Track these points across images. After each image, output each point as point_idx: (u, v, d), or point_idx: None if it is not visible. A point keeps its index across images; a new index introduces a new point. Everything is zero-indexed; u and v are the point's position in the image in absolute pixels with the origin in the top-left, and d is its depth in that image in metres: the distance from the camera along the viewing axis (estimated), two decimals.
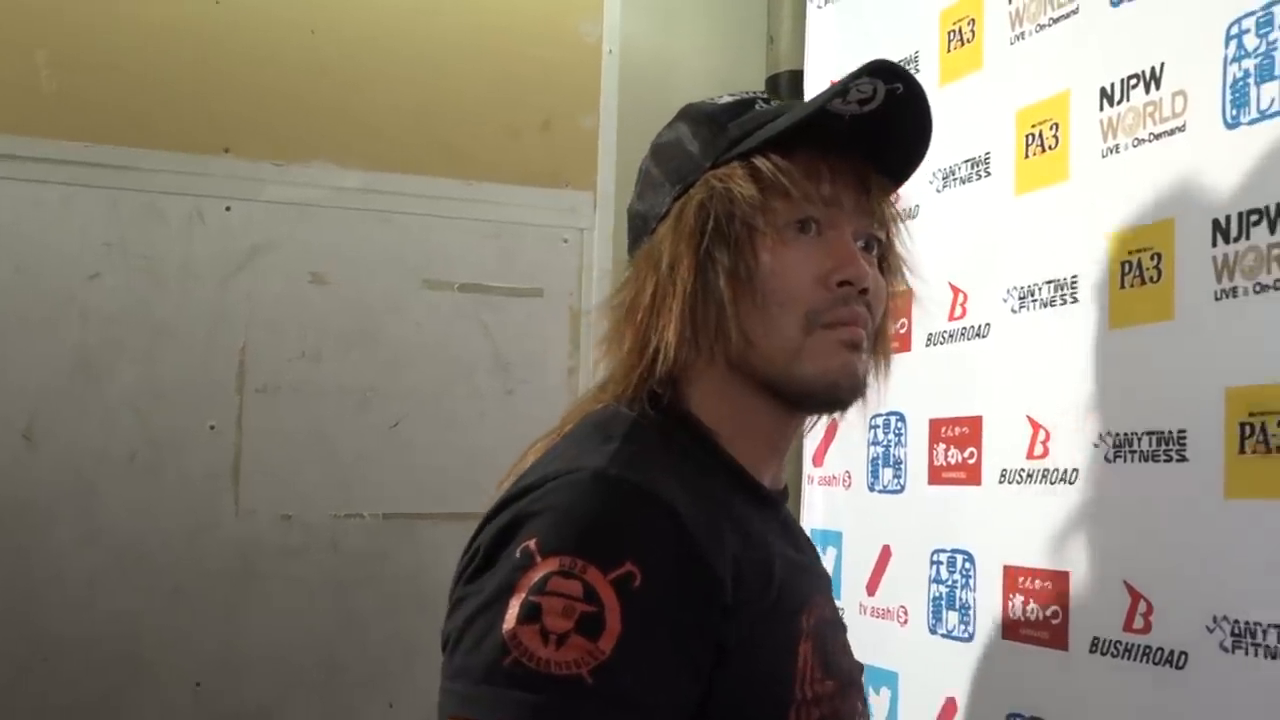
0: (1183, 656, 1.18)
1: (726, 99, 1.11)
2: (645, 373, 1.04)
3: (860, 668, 1.09)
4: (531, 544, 0.87)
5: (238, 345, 2.12)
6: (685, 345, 1.02)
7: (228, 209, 2.12)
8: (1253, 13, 1.17)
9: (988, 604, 1.44)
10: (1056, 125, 1.42)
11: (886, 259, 1.11)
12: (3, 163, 2.00)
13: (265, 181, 2.15)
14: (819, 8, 1.92)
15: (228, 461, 2.10)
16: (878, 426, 1.68)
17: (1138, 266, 1.28)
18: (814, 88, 1.90)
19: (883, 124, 1.04)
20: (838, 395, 1.05)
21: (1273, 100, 1.15)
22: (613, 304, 1.11)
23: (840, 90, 1.01)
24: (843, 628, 1.11)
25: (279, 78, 2.15)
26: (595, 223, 2.26)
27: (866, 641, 1.62)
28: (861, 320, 1.05)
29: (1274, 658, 1.09)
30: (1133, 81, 1.32)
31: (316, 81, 2.17)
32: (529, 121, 2.25)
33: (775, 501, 1.10)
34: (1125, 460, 1.27)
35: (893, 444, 1.65)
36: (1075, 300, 1.36)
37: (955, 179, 1.59)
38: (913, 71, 1.65)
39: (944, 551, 1.53)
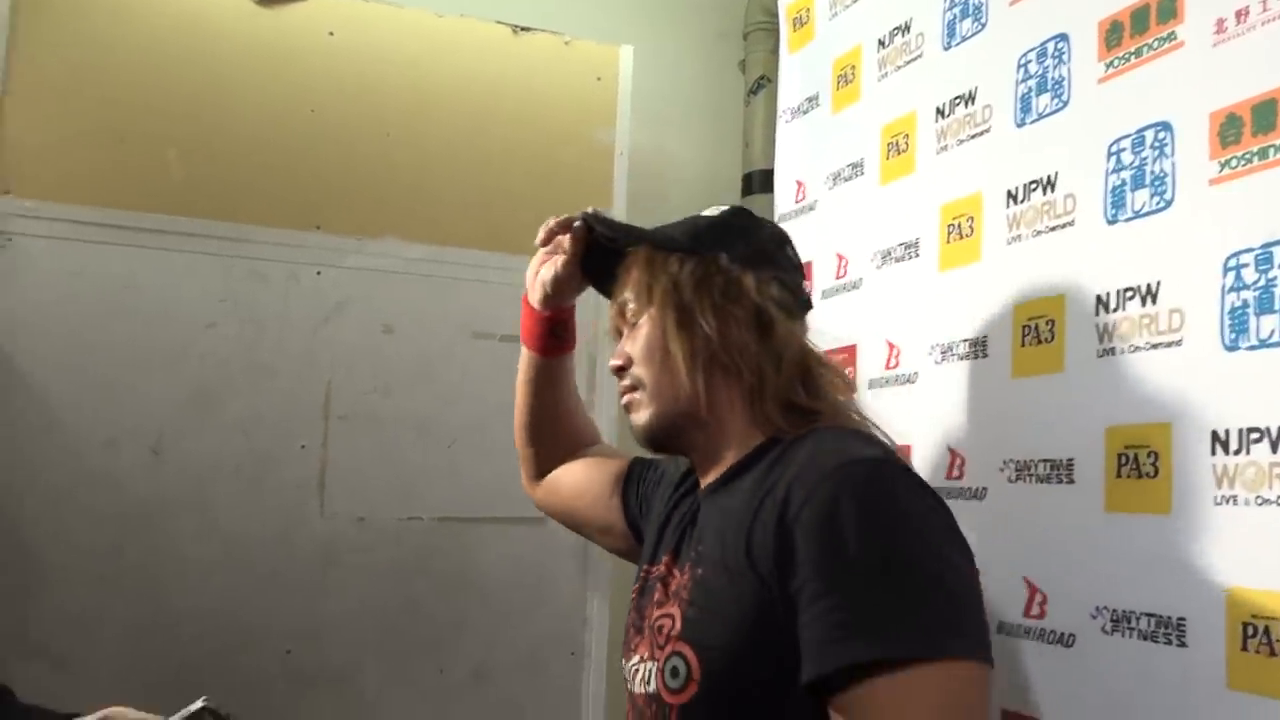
0: (1071, 637, 1.19)
1: None
2: None
3: (672, 630, 1.03)
4: None
5: (324, 381, 2.13)
6: None
7: (318, 273, 2.14)
8: (1127, 135, 1.20)
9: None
10: (972, 218, 1.43)
11: (643, 308, 1.14)
12: (139, 234, 2.02)
13: (347, 252, 2.17)
14: (786, 122, 1.94)
15: (314, 474, 2.11)
16: None
17: (1035, 329, 1.29)
18: (782, 184, 1.91)
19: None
20: (645, 442, 1.14)
21: (1144, 204, 1.16)
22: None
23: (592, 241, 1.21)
24: (716, 584, 1.02)
25: (361, 170, 2.18)
26: None
27: None
28: (621, 392, 1.15)
29: (1145, 639, 1.10)
30: (1033, 185, 1.33)
31: (390, 174, 2.20)
32: (557, 210, 2.26)
33: (699, 494, 1.16)
34: (1025, 481, 1.27)
35: None
36: (986, 355, 1.37)
37: (891, 258, 1.59)
38: (857, 175, 1.70)
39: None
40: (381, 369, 2.17)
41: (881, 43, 1.68)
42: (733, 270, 1.11)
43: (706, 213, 1.19)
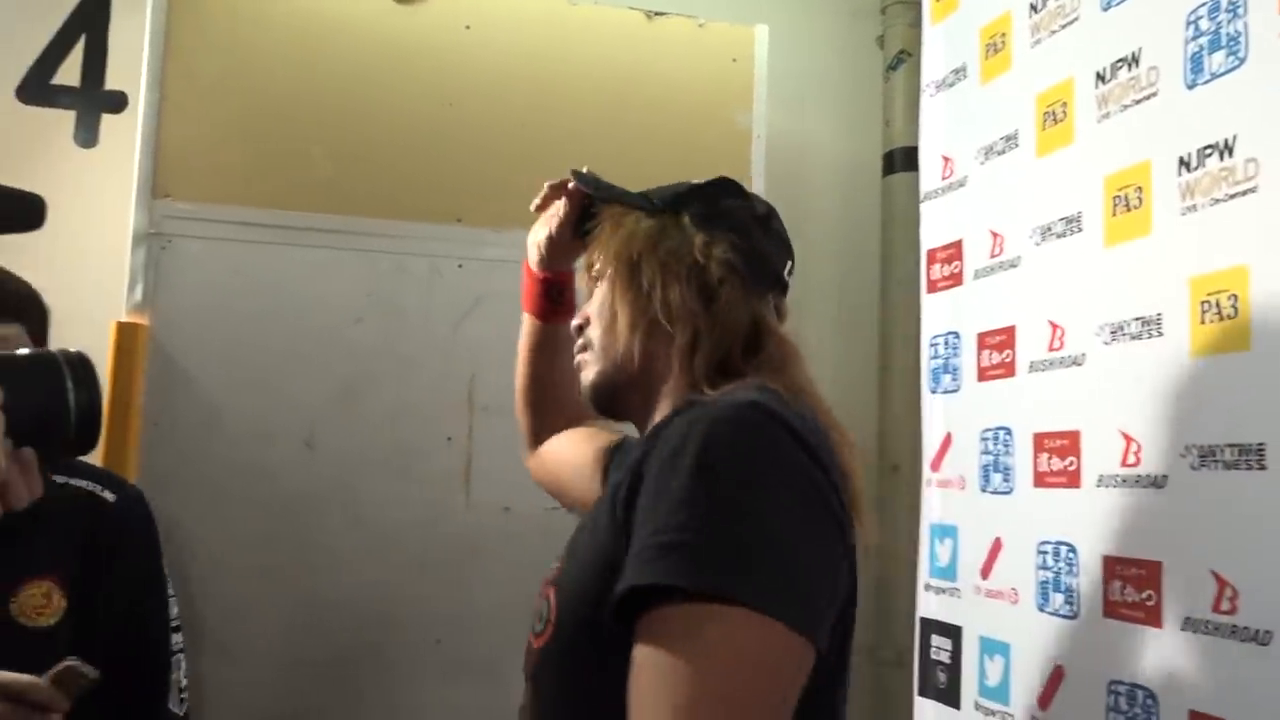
0: (1268, 635, 1.11)
1: None
2: None
3: (550, 578, 0.98)
4: None
5: (468, 374, 2.14)
6: None
7: (459, 266, 2.15)
8: None
9: (1089, 588, 1.37)
10: (1140, 188, 1.34)
11: (606, 270, 1.10)
12: (288, 233, 2.06)
13: (487, 244, 2.17)
14: (930, 96, 1.87)
15: (460, 465, 2.12)
16: (988, 439, 1.62)
17: (1215, 305, 1.21)
18: (928, 161, 1.85)
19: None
20: (590, 400, 1.13)
21: None
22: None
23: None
24: (586, 531, 0.96)
25: (499, 163, 2.18)
26: None
27: (983, 616, 1.57)
28: (576, 350, 1.14)
29: None
30: (1207, 151, 1.24)
31: (528, 166, 2.19)
32: None
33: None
34: (1210, 468, 1.19)
35: (1001, 453, 1.59)
36: (1160, 334, 1.29)
37: (1051, 234, 1.52)
38: (1010, 147, 1.63)
39: (1049, 543, 1.46)
40: None
41: (1034, 7, 1.60)
42: (688, 230, 1.07)
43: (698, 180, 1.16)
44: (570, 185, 1.22)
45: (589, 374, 1.11)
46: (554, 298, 1.34)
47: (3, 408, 0.76)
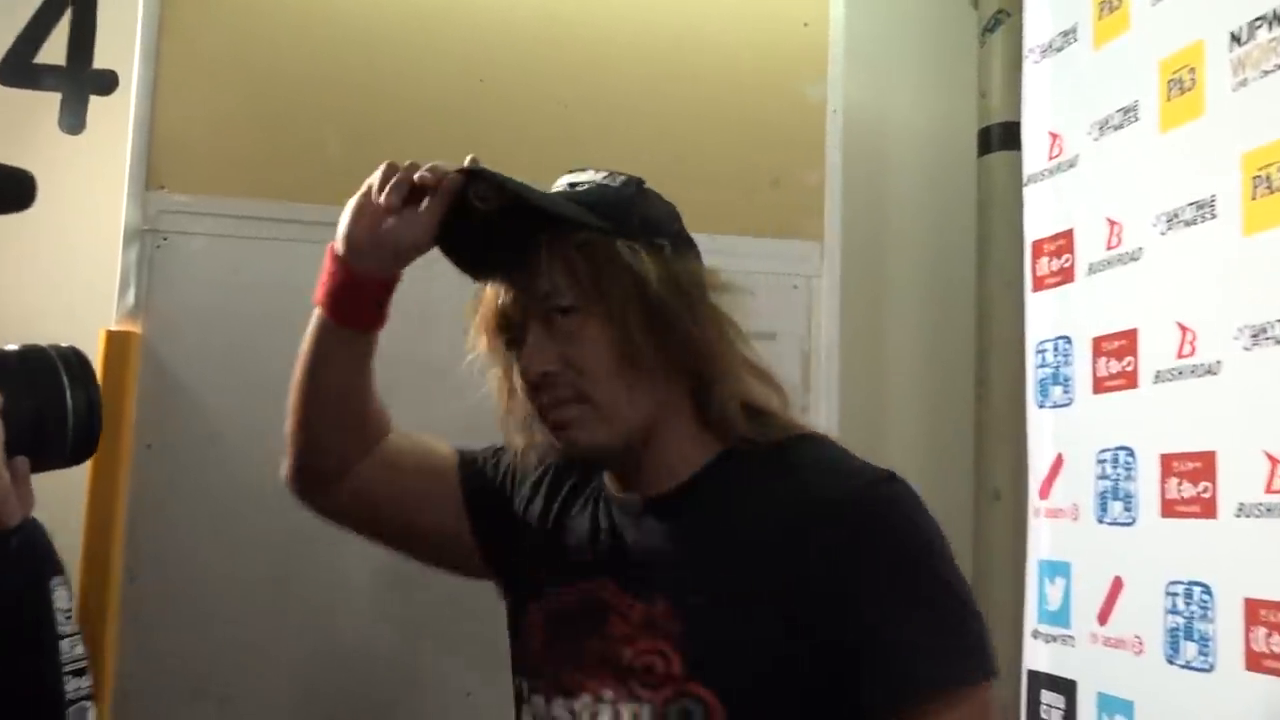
0: None
1: None
2: None
3: (670, 670, 1.03)
4: None
5: None
6: None
7: None
8: None
9: (1228, 635, 1.35)
10: None
11: (586, 304, 1.08)
12: (299, 228, 2.04)
13: None
14: (1035, 62, 1.87)
15: None
16: (1105, 461, 1.60)
17: None
18: (1032, 138, 1.85)
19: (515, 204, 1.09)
20: (584, 463, 1.16)
21: None
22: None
23: (460, 215, 1.13)
24: (641, 624, 1.05)
25: (536, 147, 2.17)
26: (823, 270, 2.22)
27: (1101, 669, 1.56)
28: (552, 404, 1.08)
29: None
30: None
31: (571, 150, 2.18)
32: (760, 180, 2.23)
33: (625, 505, 1.13)
34: None
35: (1121, 478, 1.58)
36: None
37: (1179, 221, 1.51)
38: (1129, 121, 1.62)
39: (1179, 584, 1.45)
40: None
41: None
42: (685, 260, 1.12)
43: (596, 179, 1.17)
44: (450, 175, 1.16)
45: (592, 434, 1.08)
46: (383, 303, 1.28)
47: (1, 413, 0.76)
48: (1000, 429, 2.49)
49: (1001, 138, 2.53)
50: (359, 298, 1.24)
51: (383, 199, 1.17)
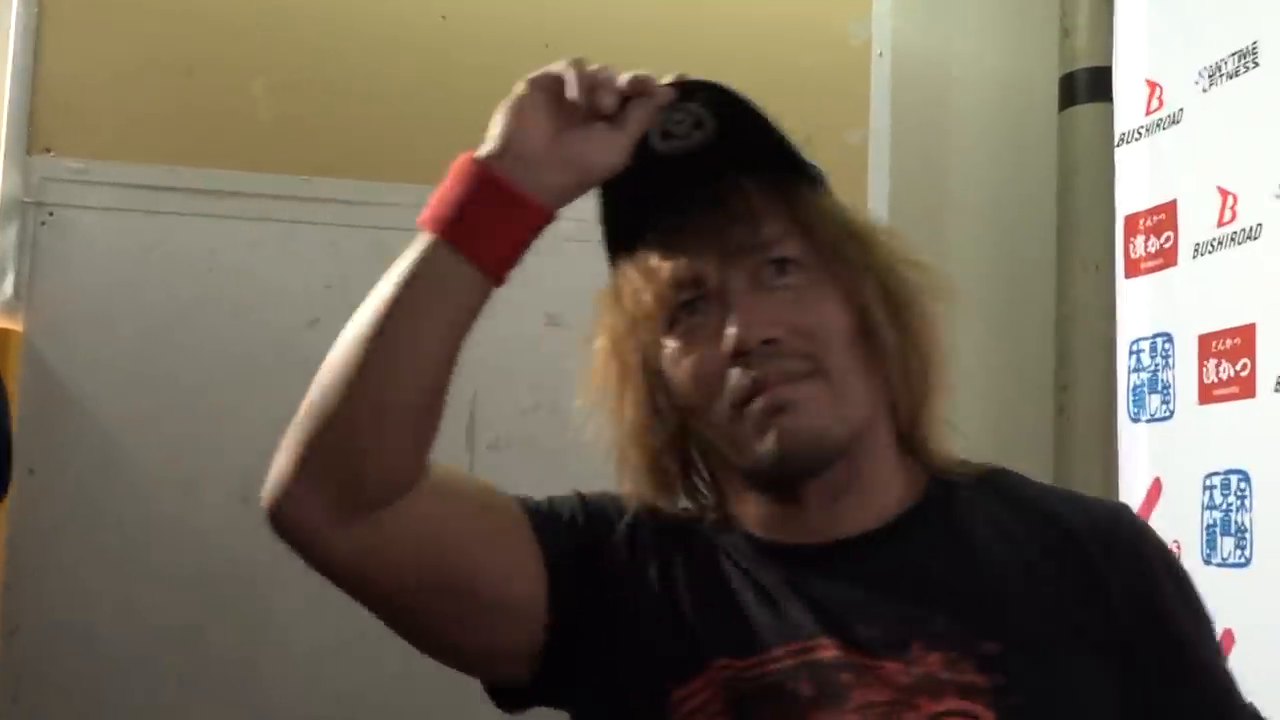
0: None
1: None
2: None
3: None
4: None
5: (467, 394, 2.09)
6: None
7: None
8: None
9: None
10: None
11: (813, 260, 1.03)
12: (215, 200, 2.03)
13: None
14: None
15: None
16: (1214, 488, 1.63)
17: None
18: (1126, 88, 1.86)
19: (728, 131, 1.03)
20: (794, 467, 1.01)
21: None
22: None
23: (648, 148, 1.00)
24: (911, 685, 0.99)
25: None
26: None
27: None
28: (774, 379, 0.99)
29: None
30: None
31: None
32: (798, 132, 2.20)
33: (806, 556, 1.06)
34: None
35: (1234, 508, 1.60)
36: None
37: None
38: (1246, 68, 1.61)
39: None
40: (544, 376, 2.10)
41: None
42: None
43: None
44: (662, 86, 1.03)
45: (813, 418, 1.00)
46: (528, 246, 1.14)
47: None
48: (1085, 447, 2.51)
49: (1089, 87, 2.52)
50: (512, 226, 1.03)
51: (587, 100, 1.00)
